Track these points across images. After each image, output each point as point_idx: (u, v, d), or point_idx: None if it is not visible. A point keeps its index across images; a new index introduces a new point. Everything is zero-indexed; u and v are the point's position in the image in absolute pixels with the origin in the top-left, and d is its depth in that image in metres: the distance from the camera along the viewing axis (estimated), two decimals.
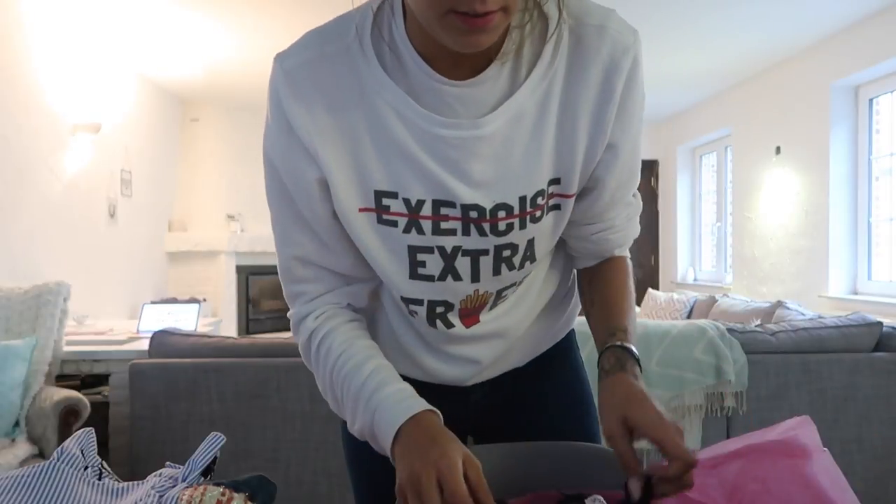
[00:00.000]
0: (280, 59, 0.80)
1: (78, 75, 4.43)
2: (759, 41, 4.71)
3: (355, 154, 0.79)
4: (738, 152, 5.95)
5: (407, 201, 0.80)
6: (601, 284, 0.94)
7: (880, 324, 2.48)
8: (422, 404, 0.78)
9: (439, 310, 0.89)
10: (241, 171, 6.76)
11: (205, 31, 4.51)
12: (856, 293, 4.61)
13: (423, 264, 0.84)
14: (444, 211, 0.81)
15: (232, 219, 6.60)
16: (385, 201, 0.81)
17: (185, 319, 3.70)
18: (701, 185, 7.04)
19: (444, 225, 0.81)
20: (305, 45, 0.80)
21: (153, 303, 4.15)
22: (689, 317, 5.00)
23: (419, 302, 0.88)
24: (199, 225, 6.52)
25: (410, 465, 0.70)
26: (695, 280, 6.87)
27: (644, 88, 0.83)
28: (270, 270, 6.89)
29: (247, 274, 6.72)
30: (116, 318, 4.88)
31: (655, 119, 7.29)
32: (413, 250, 0.83)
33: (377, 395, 0.79)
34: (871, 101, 4.54)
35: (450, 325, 0.91)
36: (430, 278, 0.85)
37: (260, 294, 6.95)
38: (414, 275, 0.85)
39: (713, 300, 4.81)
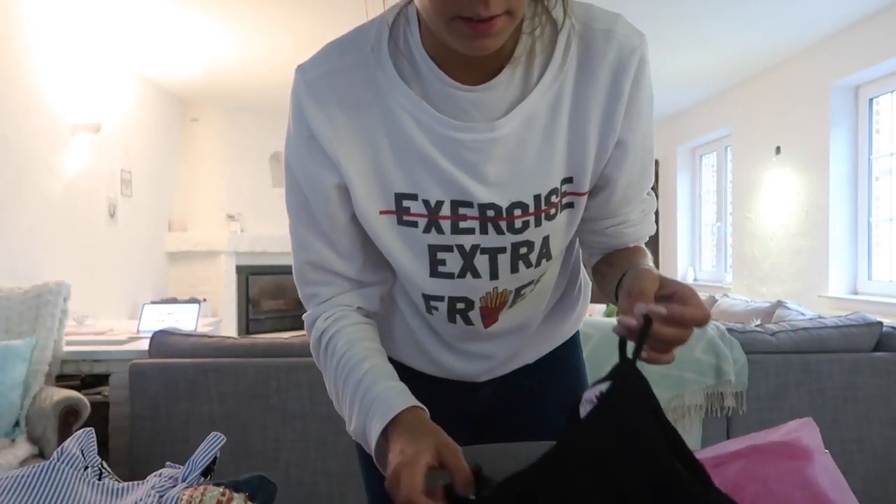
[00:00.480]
0: (301, 70, 0.83)
1: (78, 75, 4.43)
2: (759, 41, 4.71)
3: (375, 159, 0.82)
4: (738, 152, 5.95)
5: (426, 202, 0.83)
6: (619, 253, 0.95)
7: (880, 324, 2.48)
8: (402, 403, 0.78)
9: (459, 306, 0.91)
10: (241, 171, 6.76)
11: (205, 31, 4.51)
12: (856, 293, 4.61)
13: (443, 262, 0.87)
14: (462, 211, 0.84)
15: (232, 219, 6.60)
16: (405, 203, 0.84)
17: (185, 319, 3.70)
18: (701, 185, 7.04)
19: (462, 224, 0.84)
20: (325, 56, 0.83)
21: (153, 303, 4.14)
22: None
23: (440, 298, 0.91)
24: (199, 225, 6.51)
25: (387, 480, 0.72)
26: (695, 280, 6.87)
27: (652, 89, 0.86)
28: (270, 270, 6.90)
29: (247, 274, 6.73)
30: (116, 318, 4.88)
31: (656, 119, 7.20)
32: (433, 249, 0.86)
33: (369, 394, 0.81)
34: (871, 101, 4.54)
35: (469, 323, 0.93)
36: (450, 276, 0.88)
37: (260, 294, 6.95)
38: (434, 273, 0.88)
39: (713, 300, 4.81)
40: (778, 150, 5.27)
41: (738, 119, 5.88)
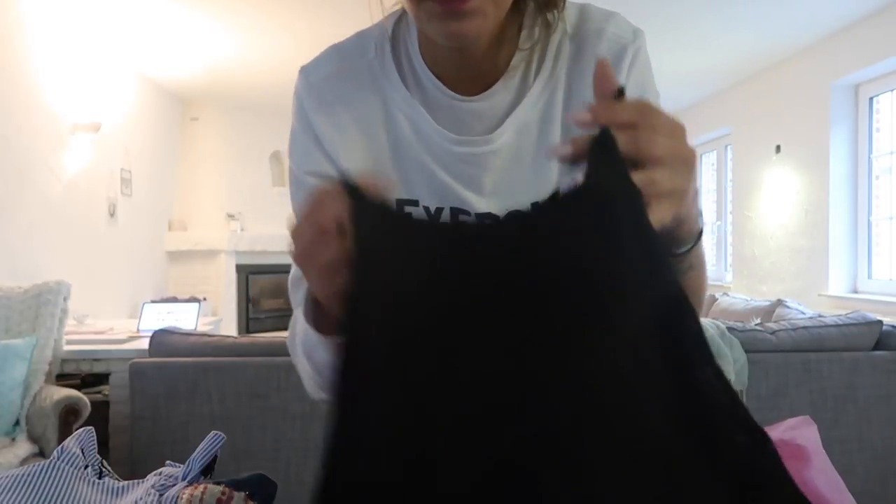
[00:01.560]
0: (304, 71, 0.83)
1: (78, 75, 4.43)
2: (759, 40, 4.71)
3: (377, 163, 0.82)
4: (738, 151, 5.94)
5: (427, 209, 0.84)
6: None
7: (880, 322, 2.48)
8: None
9: None
10: (241, 171, 6.76)
11: (205, 31, 4.50)
12: (856, 292, 4.61)
13: None
14: (461, 218, 0.84)
15: (232, 218, 6.61)
16: (406, 209, 0.84)
17: (185, 319, 3.70)
18: (701, 184, 7.04)
19: None
20: (328, 59, 0.83)
21: (153, 302, 4.14)
22: None
23: None
24: (199, 224, 6.52)
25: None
26: None
27: (654, 87, 0.84)
28: (270, 270, 6.90)
29: (247, 273, 6.73)
30: (116, 317, 4.88)
31: None
32: None
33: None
34: (871, 99, 4.54)
35: None
36: None
37: (260, 293, 6.95)
38: None
39: (713, 299, 4.81)
40: (778, 149, 5.26)
41: (738, 118, 5.88)
